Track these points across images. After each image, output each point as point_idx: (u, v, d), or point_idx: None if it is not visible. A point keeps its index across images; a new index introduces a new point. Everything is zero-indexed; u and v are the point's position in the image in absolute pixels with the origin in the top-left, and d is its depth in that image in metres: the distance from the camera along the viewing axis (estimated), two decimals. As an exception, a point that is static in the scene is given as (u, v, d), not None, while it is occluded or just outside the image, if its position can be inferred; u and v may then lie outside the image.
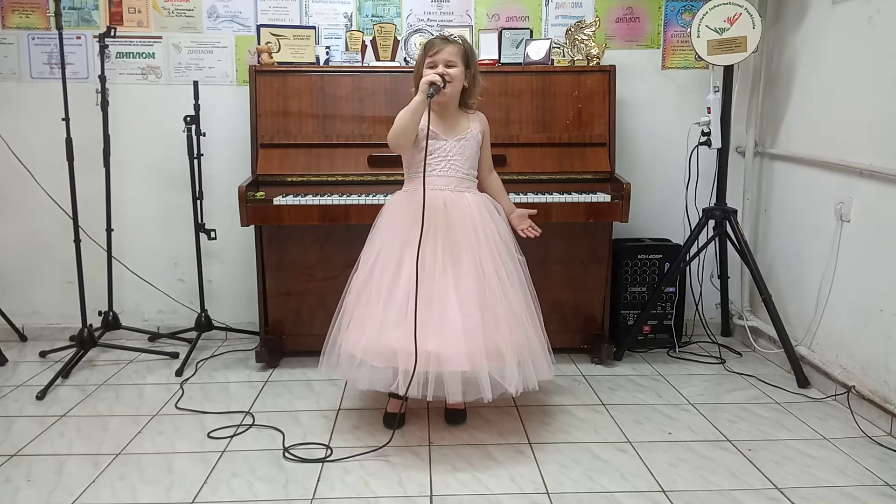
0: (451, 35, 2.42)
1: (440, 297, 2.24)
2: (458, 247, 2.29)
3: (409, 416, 2.53)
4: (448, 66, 2.33)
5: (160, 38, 3.34)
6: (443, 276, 2.26)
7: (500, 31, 3.20)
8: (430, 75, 2.28)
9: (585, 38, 3.14)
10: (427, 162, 2.35)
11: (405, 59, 3.22)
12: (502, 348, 2.25)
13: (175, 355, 3.21)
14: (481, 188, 2.51)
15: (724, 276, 3.38)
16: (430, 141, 2.34)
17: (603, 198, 2.91)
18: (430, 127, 2.34)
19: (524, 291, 2.39)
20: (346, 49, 3.25)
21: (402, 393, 2.25)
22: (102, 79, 3.12)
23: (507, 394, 2.29)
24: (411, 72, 2.45)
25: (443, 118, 2.41)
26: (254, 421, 2.54)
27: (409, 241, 2.27)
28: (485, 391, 2.24)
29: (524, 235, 2.54)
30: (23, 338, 3.46)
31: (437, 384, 2.24)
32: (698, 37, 3.01)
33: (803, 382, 2.86)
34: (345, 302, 2.41)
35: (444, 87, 2.29)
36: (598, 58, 3.13)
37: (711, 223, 3.16)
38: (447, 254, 2.29)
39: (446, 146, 2.38)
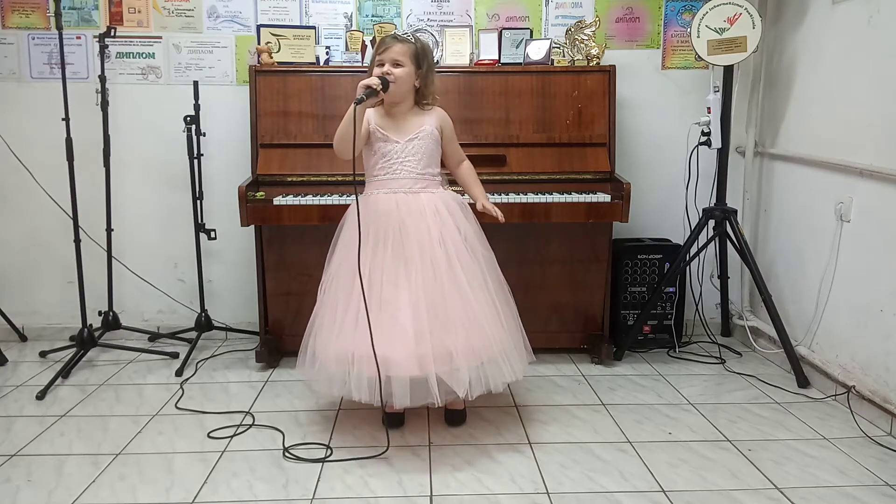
0: (405, 34, 2.41)
1: (391, 301, 2.24)
2: (410, 250, 2.28)
3: (409, 416, 2.53)
4: (395, 65, 2.31)
5: (160, 38, 3.34)
6: (394, 280, 2.26)
7: (500, 31, 3.20)
8: (368, 78, 2.27)
9: (585, 38, 3.14)
10: (381, 165, 2.37)
11: (405, 59, 3.22)
12: (453, 351, 2.22)
13: (175, 355, 3.21)
14: (456, 178, 2.51)
15: (724, 276, 3.38)
16: (380, 144, 2.36)
17: (603, 198, 2.91)
18: (380, 129, 2.36)
19: (489, 291, 2.35)
20: (346, 49, 3.25)
21: (353, 398, 2.27)
22: (102, 79, 3.12)
23: (459, 397, 2.27)
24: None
25: (392, 119, 2.39)
26: (254, 421, 2.54)
27: (363, 248, 2.27)
28: (433, 395, 2.22)
29: (496, 215, 2.42)
30: (23, 338, 3.46)
31: (386, 388, 2.23)
32: (698, 37, 3.00)
33: (803, 382, 2.86)
34: (315, 307, 2.43)
35: (384, 89, 2.27)
36: (598, 58, 3.13)
37: (711, 223, 3.16)
38: (399, 257, 2.28)
39: (397, 148, 2.36)
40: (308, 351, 2.38)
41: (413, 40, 2.38)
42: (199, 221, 3.24)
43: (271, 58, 3.10)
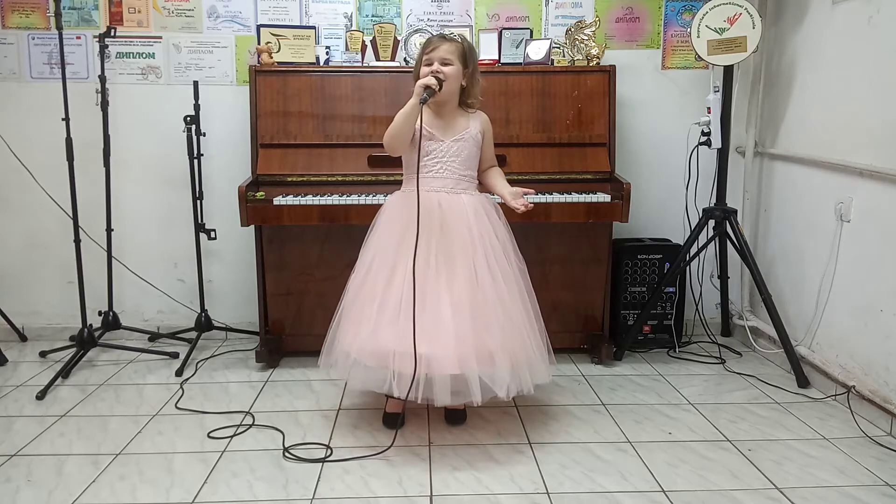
0: (451, 33, 2.42)
1: (433, 299, 2.24)
2: (452, 249, 2.29)
3: (409, 416, 2.53)
4: (444, 63, 2.32)
5: (160, 38, 3.34)
6: (436, 279, 2.26)
7: (500, 31, 3.20)
8: (424, 78, 2.27)
9: (585, 38, 3.14)
10: (423, 163, 2.35)
11: (405, 59, 3.22)
12: (493, 352, 2.24)
13: (175, 355, 3.21)
14: (481, 179, 2.51)
15: (724, 276, 3.38)
16: (426, 142, 2.35)
17: (603, 198, 2.91)
18: (427, 128, 2.34)
19: (521, 294, 2.37)
20: (346, 49, 3.25)
21: (395, 395, 2.26)
22: (102, 79, 3.12)
23: (498, 397, 2.28)
24: (411, 72, 2.45)
25: (440, 118, 2.40)
26: (254, 421, 2.54)
27: (403, 244, 2.28)
28: (474, 394, 2.24)
29: (520, 210, 2.34)
30: (23, 338, 3.46)
31: (426, 386, 2.24)
32: (698, 37, 3.01)
33: (803, 382, 2.86)
34: (343, 301, 2.42)
35: (439, 88, 2.28)
36: (598, 58, 3.13)
37: (711, 223, 3.16)
38: (441, 256, 2.28)
39: (442, 147, 2.37)
40: (335, 345, 2.37)
41: (459, 39, 2.39)
42: (199, 221, 3.24)
43: (271, 58, 3.10)
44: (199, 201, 3.22)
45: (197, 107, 3.16)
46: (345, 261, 2.53)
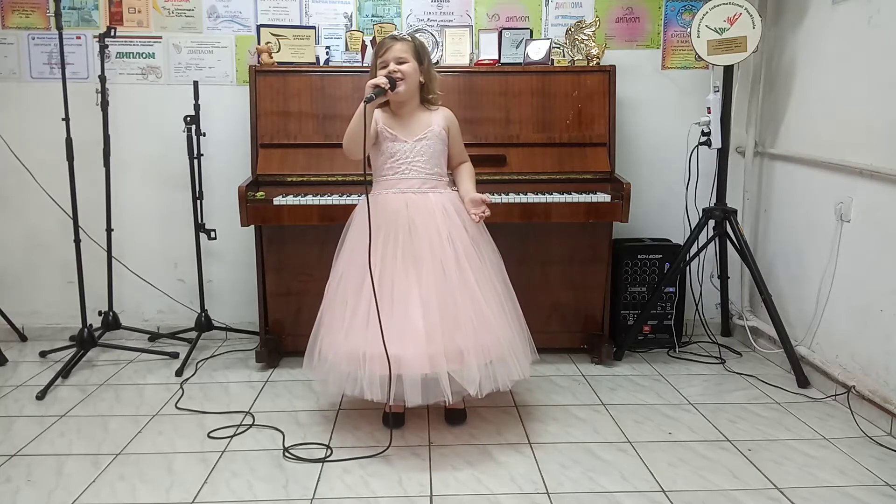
0: (400, 34, 2.43)
1: (402, 300, 2.24)
2: (420, 249, 2.29)
3: (409, 416, 2.53)
4: (399, 62, 2.33)
5: (160, 38, 3.34)
6: (404, 280, 2.26)
7: (500, 31, 3.20)
8: (375, 78, 2.29)
9: (585, 38, 3.14)
10: (389, 164, 2.38)
11: (405, 59, 3.22)
12: (463, 350, 2.24)
13: (175, 355, 3.21)
14: (453, 176, 2.51)
15: (724, 276, 3.38)
16: (389, 143, 2.38)
17: (603, 198, 2.91)
18: (389, 129, 2.38)
19: (495, 290, 2.36)
20: (346, 49, 3.25)
21: (366, 397, 2.26)
22: (102, 79, 3.12)
23: (469, 394, 2.27)
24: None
25: (400, 118, 2.41)
26: (254, 421, 2.54)
27: (372, 247, 2.28)
28: (445, 393, 2.24)
29: (475, 220, 2.37)
30: (23, 338, 3.46)
31: (397, 386, 2.24)
32: (698, 37, 3.01)
33: (803, 382, 2.86)
34: (322, 306, 2.44)
35: (392, 88, 2.29)
36: (598, 58, 3.13)
37: (711, 223, 3.16)
38: (409, 256, 2.28)
39: (405, 147, 2.37)
40: (316, 349, 2.38)
41: (409, 38, 2.41)
42: (199, 221, 3.24)
43: (271, 58, 3.10)
44: (199, 201, 3.22)
45: (197, 107, 3.16)
46: (345, 261, 2.53)
